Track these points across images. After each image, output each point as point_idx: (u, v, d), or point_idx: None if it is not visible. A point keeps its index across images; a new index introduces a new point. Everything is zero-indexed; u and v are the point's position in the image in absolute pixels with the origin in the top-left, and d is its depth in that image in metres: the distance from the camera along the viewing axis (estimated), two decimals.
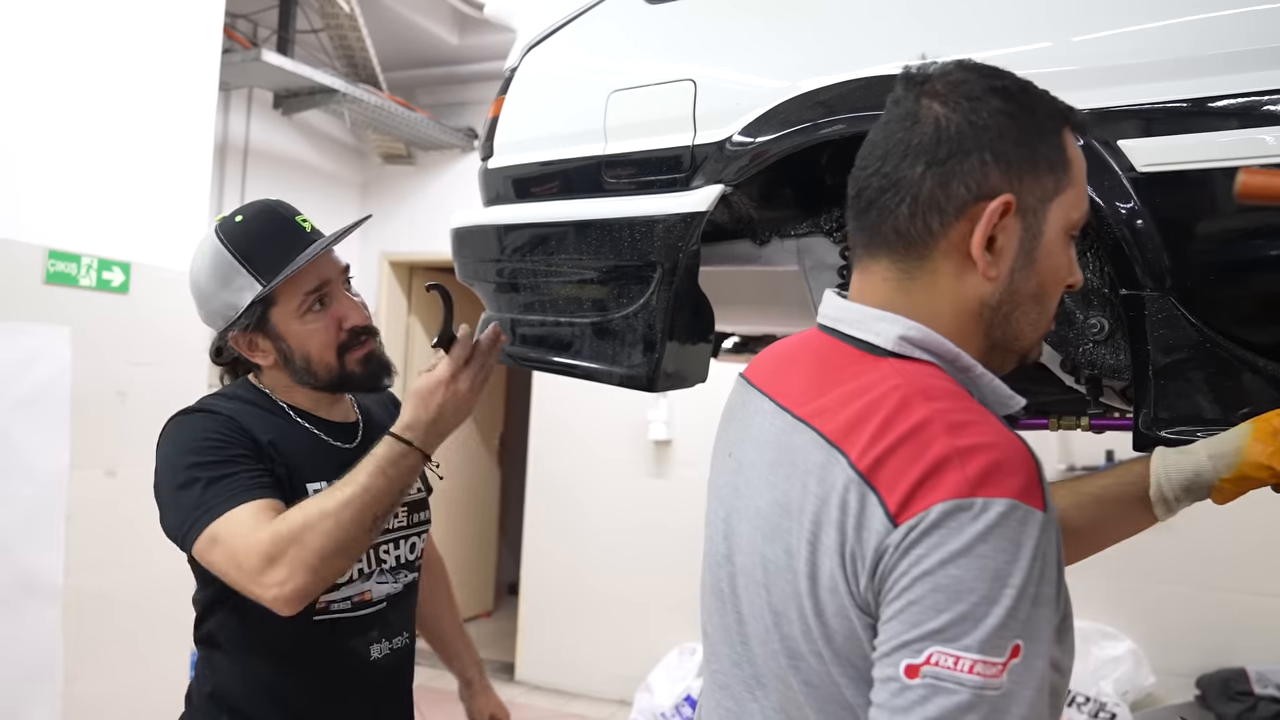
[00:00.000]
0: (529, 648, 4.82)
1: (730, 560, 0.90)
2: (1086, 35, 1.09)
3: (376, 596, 1.39)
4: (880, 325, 0.84)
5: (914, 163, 0.82)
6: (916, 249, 0.84)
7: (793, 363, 0.93)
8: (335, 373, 1.38)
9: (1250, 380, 1.01)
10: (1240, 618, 3.40)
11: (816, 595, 0.77)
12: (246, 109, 4.60)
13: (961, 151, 0.81)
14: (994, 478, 0.71)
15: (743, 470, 0.91)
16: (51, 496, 2.73)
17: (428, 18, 4.70)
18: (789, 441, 0.84)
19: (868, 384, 0.81)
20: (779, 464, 0.84)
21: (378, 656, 1.39)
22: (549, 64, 1.61)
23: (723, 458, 0.98)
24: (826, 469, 0.78)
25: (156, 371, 3.07)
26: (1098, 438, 3.39)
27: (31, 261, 2.74)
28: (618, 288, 1.46)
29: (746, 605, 0.87)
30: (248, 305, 1.35)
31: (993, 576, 0.68)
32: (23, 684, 2.62)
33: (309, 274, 1.37)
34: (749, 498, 0.88)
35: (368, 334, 1.41)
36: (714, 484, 0.99)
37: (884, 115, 0.87)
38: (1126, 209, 1.03)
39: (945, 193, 0.81)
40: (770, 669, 0.84)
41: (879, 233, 0.85)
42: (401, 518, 1.46)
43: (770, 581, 0.82)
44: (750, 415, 0.94)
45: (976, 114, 0.82)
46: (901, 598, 0.71)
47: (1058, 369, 1.31)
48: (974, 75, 0.84)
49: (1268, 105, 0.97)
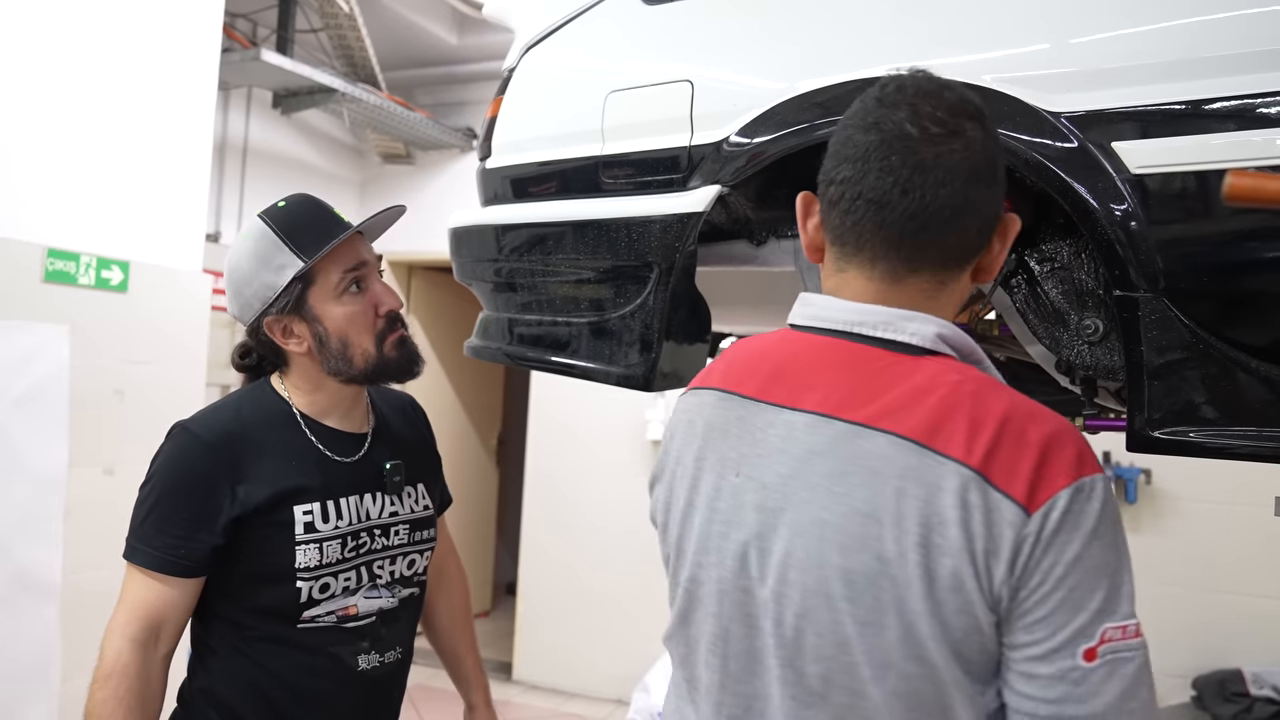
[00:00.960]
0: (526, 647, 4.82)
1: (763, 583, 0.86)
2: (1082, 37, 1.10)
3: (363, 611, 1.39)
4: (913, 325, 0.87)
5: (981, 185, 0.86)
6: (964, 262, 0.89)
7: (799, 370, 0.90)
8: (373, 359, 1.39)
9: (1244, 381, 1.01)
10: (1236, 619, 3.41)
11: (934, 596, 0.77)
12: (246, 108, 4.61)
13: (997, 171, 0.88)
14: (1086, 456, 0.78)
15: (773, 488, 0.86)
16: (49, 494, 2.73)
17: (427, 17, 4.71)
18: (855, 448, 0.82)
19: (925, 382, 0.83)
20: (847, 473, 0.82)
21: (366, 667, 1.38)
22: (547, 64, 1.61)
23: (728, 477, 0.91)
24: (924, 470, 0.79)
25: (155, 370, 3.07)
26: (1093, 439, 3.39)
27: (30, 260, 2.74)
28: (615, 288, 1.46)
29: (800, 624, 0.83)
30: (288, 283, 1.35)
31: (1115, 546, 0.77)
32: (20, 682, 2.62)
33: (347, 253, 1.38)
34: (800, 513, 0.84)
35: (401, 321, 1.43)
36: (712, 507, 0.92)
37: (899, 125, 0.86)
38: (1120, 211, 1.04)
39: (995, 213, 0.89)
40: (839, 684, 0.81)
41: (941, 247, 0.87)
42: (402, 534, 1.45)
43: (855, 594, 0.80)
44: (762, 429, 0.90)
45: (994, 137, 0.89)
46: (1060, 588, 0.75)
47: (1052, 370, 1.32)
48: (961, 87, 0.90)
49: (1261, 108, 0.98)
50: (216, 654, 1.35)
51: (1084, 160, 1.06)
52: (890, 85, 0.90)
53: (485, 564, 6.08)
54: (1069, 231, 1.28)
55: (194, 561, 1.30)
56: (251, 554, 1.32)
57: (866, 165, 0.87)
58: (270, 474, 1.33)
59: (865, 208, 0.87)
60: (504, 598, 6.18)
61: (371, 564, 1.40)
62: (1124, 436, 1.10)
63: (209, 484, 1.31)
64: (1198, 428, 1.03)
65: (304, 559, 1.32)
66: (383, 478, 1.44)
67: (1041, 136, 1.09)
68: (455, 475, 6.71)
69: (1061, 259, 1.29)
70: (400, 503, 1.46)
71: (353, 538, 1.38)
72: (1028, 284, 1.31)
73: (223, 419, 1.37)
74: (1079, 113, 1.07)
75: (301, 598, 1.32)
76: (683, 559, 0.95)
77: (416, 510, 1.48)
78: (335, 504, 1.37)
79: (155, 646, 1.30)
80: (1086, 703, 0.73)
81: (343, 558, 1.36)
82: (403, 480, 1.46)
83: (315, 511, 1.34)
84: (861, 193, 0.87)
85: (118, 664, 1.26)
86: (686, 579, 0.95)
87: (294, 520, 1.32)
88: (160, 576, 1.30)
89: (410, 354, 1.43)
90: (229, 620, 1.34)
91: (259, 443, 1.35)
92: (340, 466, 1.40)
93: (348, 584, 1.37)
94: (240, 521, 1.31)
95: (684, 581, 0.95)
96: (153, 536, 1.30)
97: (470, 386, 5.87)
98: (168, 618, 1.31)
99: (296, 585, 1.32)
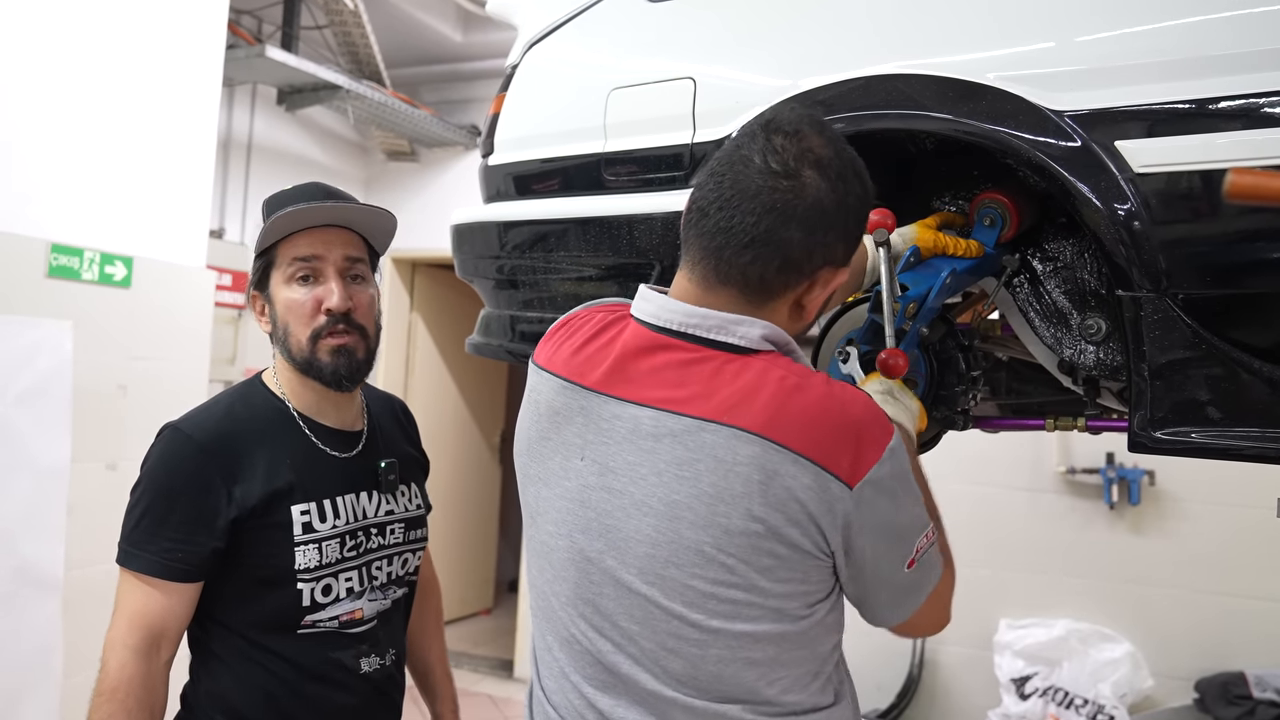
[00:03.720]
0: (528, 645, 4.81)
1: (611, 554, 0.97)
2: (1086, 35, 1.10)
3: (368, 615, 1.38)
4: (741, 329, 0.97)
5: (794, 229, 0.94)
6: (768, 293, 0.97)
7: (642, 367, 0.99)
8: (305, 353, 1.35)
9: (1246, 382, 1.01)
10: (1239, 621, 3.40)
11: (778, 555, 0.92)
12: (250, 105, 4.61)
13: (829, 227, 0.95)
14: (885, 426, 0.94)
15: (619, 472, 0.97)
16: (52, 489, 2.73)
17: (431, 14, 4.71)
18: (700, 440, 0.93)
19: (756, 380, 0.94)
20: (694, 460, 0.93)
21: (368, 670, 1.38)
22: (550, 61, 1.61)
23: (573, 460, 1.02)
24: (764, 458, 0.90)
25: (158, 366, 3.08)
26: (1096, 439, 3.39)
27: (34, 255, 2.74)
28: (617, 285, 1.46)
29: (649, 590, 0.95)
30: (255, 258, 1.37)
31: (913, 496, 0.99)
32: (22, 676, 2.62)
33: (302, 241, 1.35)
34: (645, 495, 0.95)
35: (349, 325, 1.35)
36: (560, 484, 1.03)
37: (750, 151, 0.95)
38: (1123, 210, 1.03)
39: (809, 261, 0.96)
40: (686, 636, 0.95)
41: (743, 272, 0.96)
42: (397, 534, 1.44)
43: (704, 561, 0.93)
44: (609, 420, 0.99)
45: (847, 194, 0.96)
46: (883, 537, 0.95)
47: (1055, 370, 1.31)
48: (840, 145, 0.98)
49: (1266, 107, 0.97)
50: (220, 659, 1.33)
51: (1087, 159, 1.06)
52: (765, 115, 1.00)
53: (487, 561, 6.09)
54: (1072, 231, 1.28)
55: (193, 565, 1.27)
56: (250, 557, 1.30)
57: (710, 177, 0.98)
58: (264, 473, 1.31)
59: (694, 214, 0.98)
60: (506, 595, 6.18)
61: (370, 564, 1.39)
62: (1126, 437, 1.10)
63: (204, 485, 1.28)
64: (1200, 428, 1.03)
65: (304, 560, 1.31)
66: (377, 476, 1.42)
67: (1045, 135, 1.08)
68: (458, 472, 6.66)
69: (1064, 259, 1.29)
70: (395, 501, 1.45)
71: (350, 537, 1.37)
72: (1030, 283, 1.31)
73: (214, 418, 1.34)
74: (1082, 111, 1.07)
75: (304, 600, 1.31)
76: (533, 523, 1.08)
77: (410, 509, 1.47)
78: (332, 503, 1.35)
79: (157, 655, 1.27)
80: (907, 595, 1.01)
81: (342, 557, 1.35)
82: (398, 479, 1.45)
83: (312, 511, 1.33)
84: (696, 199, 0.99)
85: (122, 676, 1.23)
86: (536, 540, 1.07)
87: (292, 521, 1.31)
88: (158, 582, 1.26)
89: (341, 364, 1.34)
90: (230, 627, 1.32)
91: (252, 441, 1.32)
92: (335, 464, 1.38)
93: (350, 585, 1.36)
94: (238, 523, 1.28)
95: (534, 540, 1.08)
96: (147, 541, 1.27)
97: (473, 384, 5.88)
98: (168, 625, 1.27)
99: (298, 587, 1.30)
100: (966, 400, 1.24)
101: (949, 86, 1.15)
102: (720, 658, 0.94)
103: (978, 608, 3.62)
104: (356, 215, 1.39)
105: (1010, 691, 3.48)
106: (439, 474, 1.72)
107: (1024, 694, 3.45)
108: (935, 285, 1.17)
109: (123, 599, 1.28)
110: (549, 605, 1.06)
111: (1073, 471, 3.61)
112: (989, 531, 3.64)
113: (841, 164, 0.96)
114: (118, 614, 1.28)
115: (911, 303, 1.16)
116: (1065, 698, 3.35)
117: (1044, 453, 3.67)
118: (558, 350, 1.09)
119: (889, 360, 1.10)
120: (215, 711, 1.33)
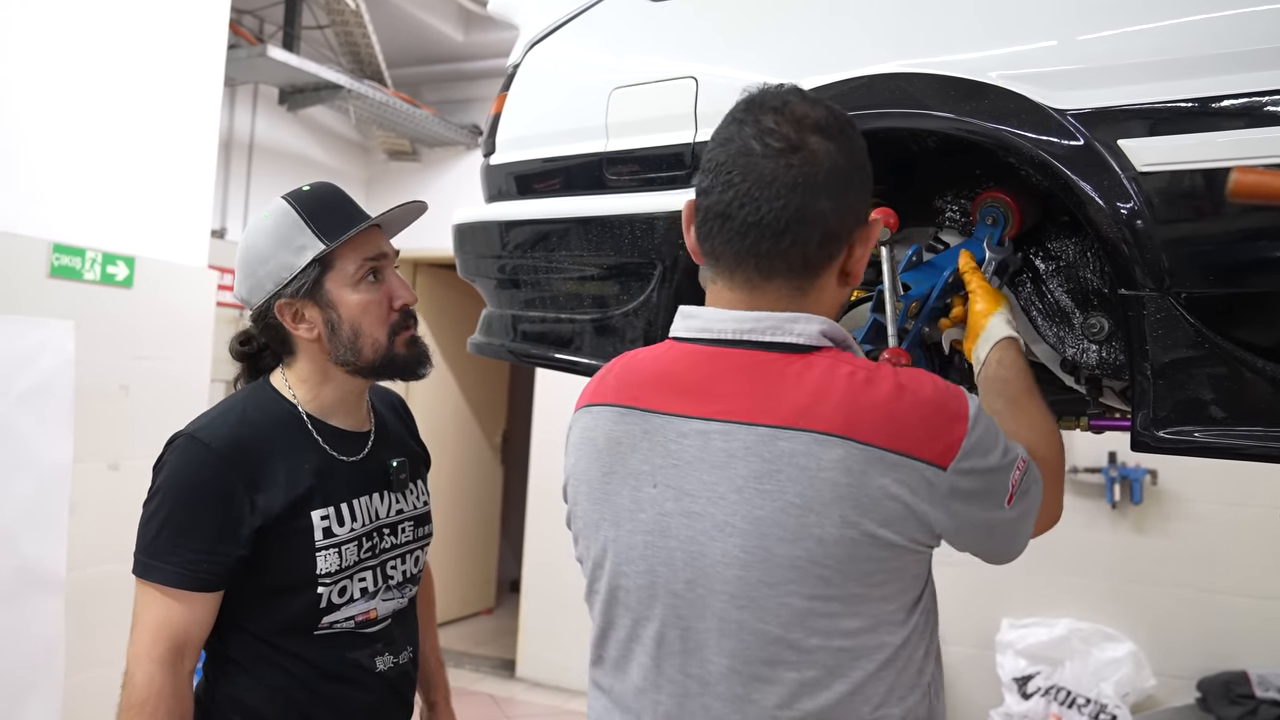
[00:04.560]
0: (530, 645, 4.82)
1: (701, 583, 0.91)
2: (1089, 34, 1.09)
3: (382, 614, 1.38)
4: (798, 326, 0.93)
5: (822, 199, 0.91)
6: (815, 271, 0.94)
7: (699, 380, 0.94)
8: (382, 351, 1.36)
9: (1250, 381, 1.01)
10: (1242, 620, 3.40)
11: (876, 557, 0.87)
12: (252, 105, 4.62)
13: (849, 186, 0.93)
14: (959, 395, 0.91)
15: (696, 494, 0.91)
16: (55, 489, 2.73)
17: (433, 14, 4.71)
18: (777, 449, 0.88)
19: (823, 378, 0.90)
20: (774, 472, 0.88)
21: (383, 669, 1.38)
22: (551, 61, 1.61)
23: (645, 489, 0.95)
24: (849, 459, 0.86)
25: (160, 365, 3.08)
26: (1098, 438, 3.39)
27: (36, 255, 2.75)
28: (618, 284, 1.46)
29: (742, 616, 0.89)
30: (306, 265, 1.33)
31: (996, 432, 0.93)
32: (25, 675, 2.62)
33: (369, 243, 1.37)
34: (727, 515, 0.89)
35: (414, 319, 1.42)
36: (634, 518, 0.96)
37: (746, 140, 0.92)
38: (1126, 209, 1.03)
39: (843, 225, 0.93)
40: (786, 661, 0.89)
41: (786, 259, 0.92)
42: (408, 532, 1.45)
43: (800, 576, 0.87)
44: (675, 441, 0.94)
45: (854, 149, 0.94)
46: (985, 495, 0.92)
47: (1057, 369, 1.31)
48: (827, 104, 0.95)
49: (1269, 106, 0.97)
50: (238, 663, 1.33)
51: (1090, 158, 1.05)
52: (744, 101, 0.97)
53: (489, 562, 6.09)
54: (1074, 230, 1.27)
55: (217, 575, 1.26)
56: (273, 564, 1.29)
57: (715, 180, 0.93)
58: (285, 479, 1.30)
59: (714, 221, 0.94)
60: (508, 595, 6.18)
61: (385, 564, 1.40)
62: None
63: (226, 495, 1.26)
64: (1203, 427, 1.03)
65: (325, 565, 1.31)
66: (388, 475, 1.43)
67: (1047, 134, 1.08)
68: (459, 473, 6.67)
69: (1067, 257, 1.29)
70: (405, 500, 1.45)
71: (367, 539, 1.37)
72: (1033, 282, 1.31)
73: (229, 425, 1.32)
74: (1085, 110, 1.07)
75: (322, 603, 1.31)
76: (600, 570, 1.00)
77: (419, 506, 1.48)
78: (349, 506, 1.35)
79: (182, 665, 1.25)
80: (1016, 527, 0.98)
81: (359, 559, 1.35)
82: (407, 477, 1.46)
83: (331, 516, 1.33)
84: (710, 206, 0.94)
85: (151, 689, 1.21)
86: (606, 588, 1.00)
87: (312, 527, 1.30)
88: (180, 593, 1.25)
89: (420, 354, 1.42)
90: (247, 631, 1.32)
91: (269, 447, 1.31)
92: (347, 467, 1.38)
93: (364, 586, 1.36)
94: (262, 531, 1.27)
95: (603, 590, 1.00)
96: (169, 553, 1.25)
97: (474, 384, 5.88)
98: (192, 635, 1.26)
99: (318, 591, 1.31)
100: None
101: (952, 85, 1.15)
102: (818, 680, 0.88)
103: (979, 607, 3.62)
104: (412, 213, 1.46)
105: (1012, 691, 3.48)
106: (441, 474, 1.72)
107: (1026, 693, 3.45)
108: (938, 285, 1.17)
109: (144, 611, 1.26)
110: (627, 654, 0.99)
111: (1075, 471, 3.61)
112: None
113: (838, 121, 0.94)
114: (140, 627, 1.25)
115: (914, 302, 1.16)
116: (1067, 697, 3.35)
117: None
118: (599, 387, 1.04)
119: (891, 359, 1.10)
120: (233, 713, 1.32)
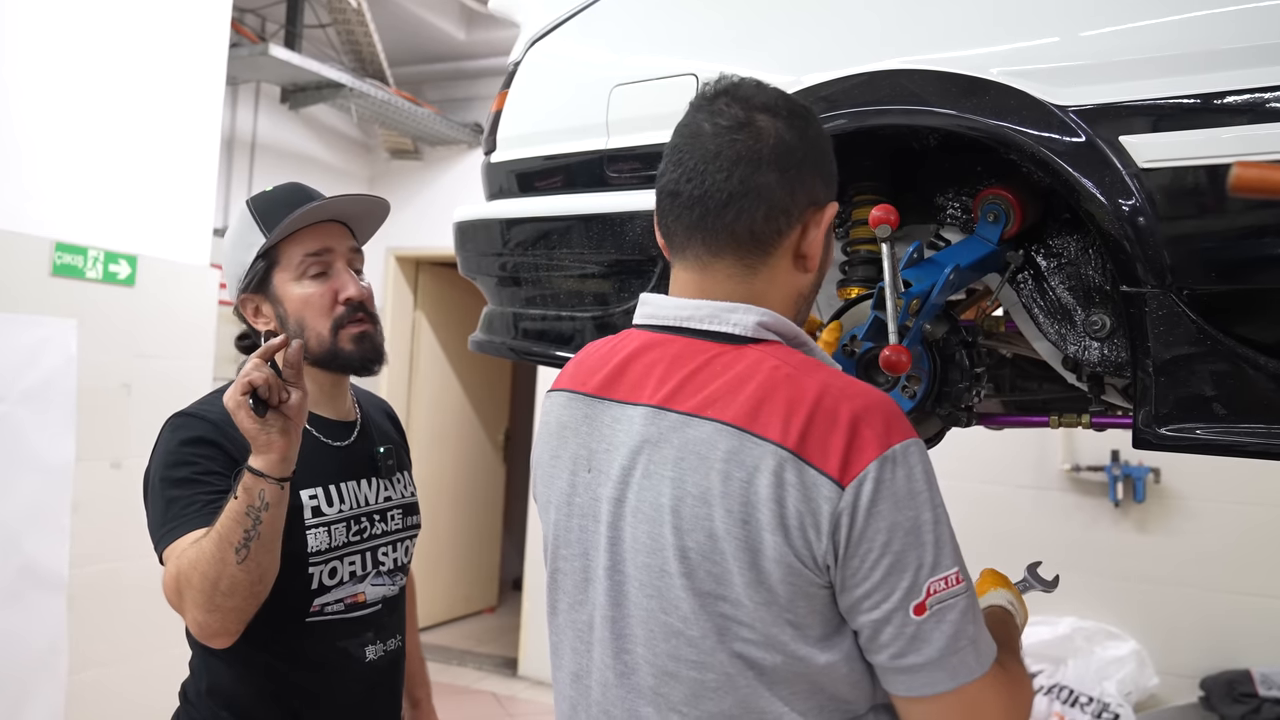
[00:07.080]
0: (532, 643, 4.82)
1: (616, 570, 0.92)
2: (1091, 30, 1.09)
3: (371, 599, 1.39)
4: (735, 316, 0.92)
5: (767, 171, 0.91)
6: (763, 247, 0.92)
7: (637, 367, 0.96)
8: (326, 345, 1.37)
9: (1252, 377, 1.01)
10: (1245, 619, 3.39)
11: (760, 566, 0.83)
12: (254, 103, 4.62)
13: (800, 163, 0.92)
14: (895, 425, 0.84)
15: (617, 480, 0.92)
16: (57, 487, 2.74)
17: (435, 13, 4.71)
18: (685, 436, 0.88)
19: (746, 370, 0.88)
20: (680, 459, 0.88)
21: (373, 658, 1.39)
22: (552, 58, 1.61)
23: (580, 474, 0.97)
24: (744, 453, 0.84)
25: (162, 364, 3.08)
26: (1101, 436, 3.38)
27: (38, 253, 2.75)
28: (619, 282, 1.46)
29: (646, 602, 0.89)
30: (253, 260, 1.37)
31: (930, 504, 0.83)
32: (28, 673, 2.63)
33: (310, 237, 1.38)
34: (640, 499, 0.90)
35: (365, 313, 1.40)
36: (571, 502, 0.98)
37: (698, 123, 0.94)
38: (1128, 205, 1.03)
39: (792, 199, 0.92)
40: (684, 658, 0.87)
41: (731, 233, 0.92)
42: (397, 520, 1.46)
43: (690, 569, 0.86)
44: (609, 425, 0.95)
45: (807, 128, 0.94)
46: (885, 554, 0.81)
47: (1059, 367, 1.31)
48: (782, 92, 0.95)
49: (1271, 101, 0.97)
50: (223, 655, 1.32)
51: (1091, 154, 1.05)
52: (701, 90, 0.98)
53: (491, 560, 6.09)
54: (1076, 227, 1.27)
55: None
56: None
57: (668, 162, 0.95)
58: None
59: (666, 200, 0.96)
60: (510, 593, 6.19)
61: (375, 550, 1.41)
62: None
63: (222, 451, 1.28)
64: (1205, 425, 1.03)
65: (315, 543, 1.32)
66: (375, 462, 1.45)
67: (1049, 131, 1.08)
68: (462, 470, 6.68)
69: (1068, 254, 1.29)
70: (393, 488, 1.47)
71: (355, 522, 1.38)
72: (1034, 280, 1.30)
73: (219, 406, 1.32)
74: (1087, 106, 1.06)
75: (313, 584, 1.32)
76: (549, 554, 1.02)
77: (406, 495, 1.50)
78: (336, 488, 1.37)
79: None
80: (922, 651, 0.81)
81: (347, 541, 1.37)
82: (395, 465, 1.48)
83: (320, 495, 1.35)
84: (664, 187, 0.96)
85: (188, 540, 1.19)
86: (549, 572, 1.02)
87: (302, 504, 1.32)
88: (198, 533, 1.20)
89: (368, 350, 1.39)
90: None
91: None
92: (334, 452, 1.40)
93: (353, 569, 1.37)
94: None
95: (550, 572, 1.02)
96: (184, 509, 1.23)
97: (477, 381, 5.88)
98: None
99: (309, 572, 1.31)
100: (970, 397, 1.24)
101: (952, 82, 1.15)
102: (719, 685, 0.85)
103: None
104: (363, 205, 1.44)
105: None
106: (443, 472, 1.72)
107: None
108: (939, 282, 1.17)
109: (170, 563, 1.22)
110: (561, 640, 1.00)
111: (1077, 469, 3.60)
112: (993, 529, 3.62)
113: (789, 104, 0.94)
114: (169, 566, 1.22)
115: (915, 299, 1.16)
116: (1070, 696, 3.34)
117: (1048, 450, 3.66)
118: (562, 373, 1.07)
119: (892, 356, 1.10)
120: (219, 707, 1.33)
